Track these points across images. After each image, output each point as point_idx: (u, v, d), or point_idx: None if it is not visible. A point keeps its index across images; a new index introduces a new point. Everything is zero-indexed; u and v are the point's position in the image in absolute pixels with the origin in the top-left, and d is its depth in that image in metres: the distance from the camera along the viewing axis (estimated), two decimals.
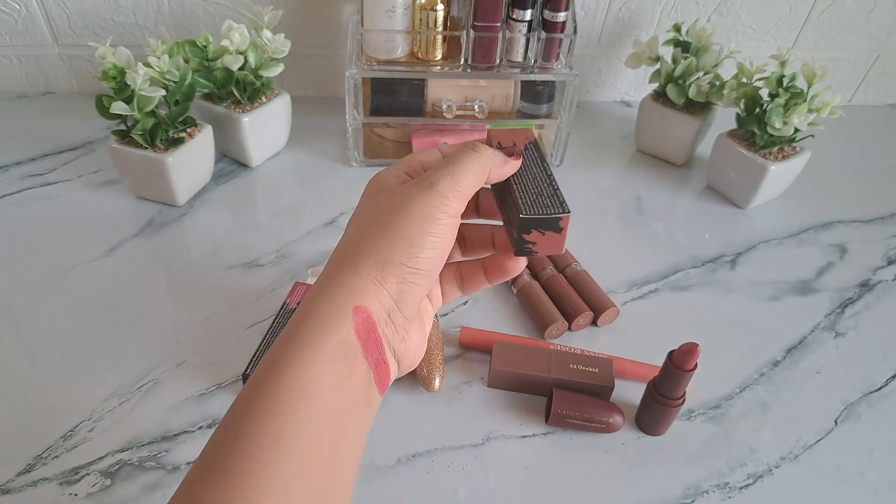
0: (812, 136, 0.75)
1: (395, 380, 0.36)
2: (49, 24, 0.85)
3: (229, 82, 0.74)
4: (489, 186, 0.38)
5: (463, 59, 0.76)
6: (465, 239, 0.40)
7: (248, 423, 0.28)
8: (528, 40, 0.75)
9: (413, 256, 0.32)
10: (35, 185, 0.76)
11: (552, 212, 0.35)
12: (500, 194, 0.38)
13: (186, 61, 0.71)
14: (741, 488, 0.51)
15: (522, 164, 0.37)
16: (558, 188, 0.36)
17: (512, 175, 0.37)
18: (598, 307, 0.63)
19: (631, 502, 0.50)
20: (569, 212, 0.35)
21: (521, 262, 0.37)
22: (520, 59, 0.76)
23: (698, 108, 0.82)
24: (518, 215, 0.34)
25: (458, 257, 0.40)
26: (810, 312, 0.67)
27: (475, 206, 0.40)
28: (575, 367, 0.55)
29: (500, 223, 0.39)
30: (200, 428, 0.53)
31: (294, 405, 0.28)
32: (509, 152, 0.37)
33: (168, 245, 0.69)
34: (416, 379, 0.56)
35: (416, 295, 0.32)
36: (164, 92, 0.65)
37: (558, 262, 0.68)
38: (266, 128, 0.79)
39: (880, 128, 1.01)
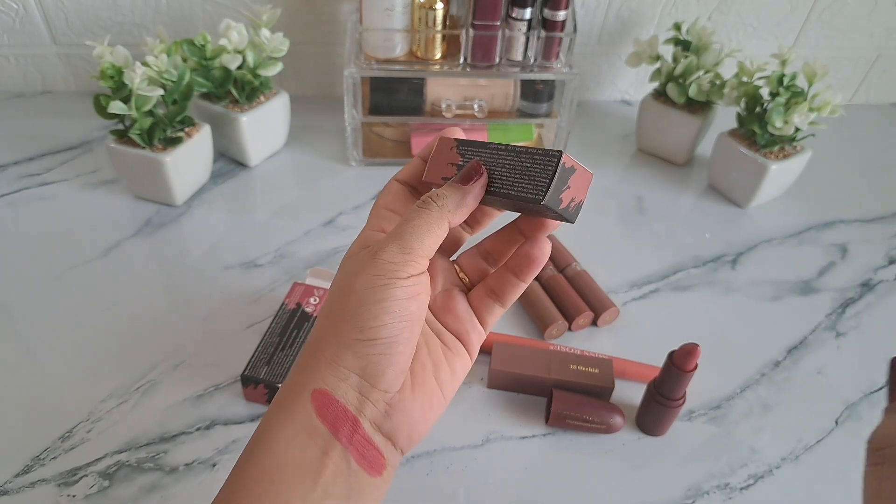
0: (813, 135, 0.75)
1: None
2: (47, 24, 0.85)
3: (227, 81, 0.74)
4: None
5: (462, 58, 0.76)
6: (488, 253, 0.37)
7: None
8: (527, 39, 0.75)
9: (364, 328, 0.30)
10: (32, 184, 0.76)
11: (552, 169, 0.31)
12: (493, 202, 0.35)
13: (184, 60, 0.71)
14: (742, 489, 0.51)
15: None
16: (525, 149, 0.32)
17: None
18: (598, 307, 0.62)
19: (631, 503, 0.50)
20: (560, 151, 0.31)
21: (547, 247, 0.35)
22: (519, 58, 0.76)
23: (699, 107, 0.82)
24: (540, 204, 0.31)
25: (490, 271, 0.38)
26: (811, 312, 0.67)
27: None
28: (575, 367, 0.55)
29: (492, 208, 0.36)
30: (199, 429, 0.52)
31: (259, 488, 0.29)
32: (466, 176, 0.32)
33: (166, 245, 0.69)
34: None
35: (382, 365, 0.30)
36: (162, 91, 0.65)
37: (558, 262, 0.67)
38: (264, 127, 0.79)
39: (881, 127, 1.00)
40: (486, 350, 0.59)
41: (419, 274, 0.31)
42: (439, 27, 0.73)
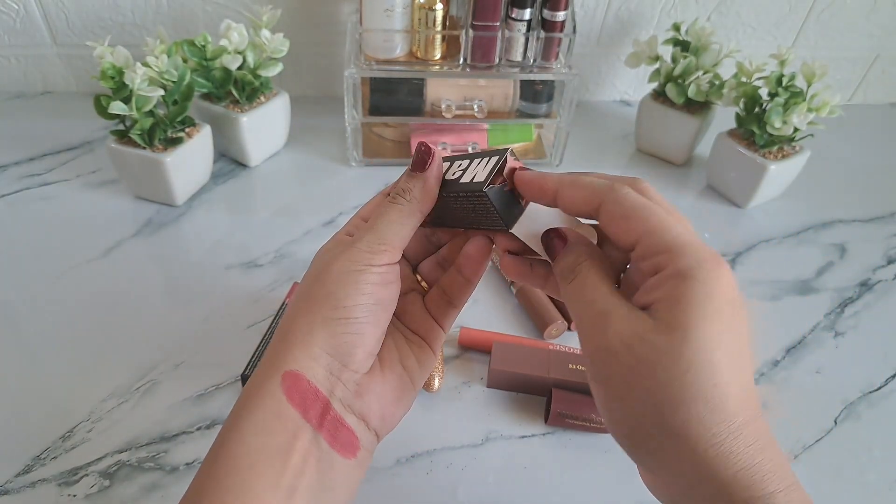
0: (812, 135, 0.75)
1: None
2: (47, 24, 0.85)
3: (228, 82, 0.74)
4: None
5: (462, 59, 0.76)
6: (444, 259, 0.39)
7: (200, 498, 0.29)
8: (527, 40, 0.75)
9: (339, 307, 0.31)
10: (33, 185, 0.76)
11: (494, 171, 0.32)
12: (458, 218, 0.36)
13: (185, 61, 0.71)
14: None
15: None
16: (476, 153, 0.34)
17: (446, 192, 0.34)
18: None
19: (630, 502, 0.50)
20: (506, 149, 0.33)
21: (485, 243, 0.37)
22: (519, 58, 0.76)
23: (698, 107, 0.82)
24: (504, 228, 0.33)
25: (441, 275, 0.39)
26: (810, 312, 0.67)
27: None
28: (574, 367, 0.55)
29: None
30: (199, 429, 0.52)
31: (228, 481, 0.28)
32: (419, 162, 0.34)
33: (166, 245, 0.69)
34: None
35: (353, 345, 0.31)
36: (162, 92, 0.65)
37: None
38: (265, 127, 0.79)
39: (880, 127, 1.01)
40: (485, 350, 0.59)
41: (393, 263, 0.33)
42: (439, 28, 0.74)
